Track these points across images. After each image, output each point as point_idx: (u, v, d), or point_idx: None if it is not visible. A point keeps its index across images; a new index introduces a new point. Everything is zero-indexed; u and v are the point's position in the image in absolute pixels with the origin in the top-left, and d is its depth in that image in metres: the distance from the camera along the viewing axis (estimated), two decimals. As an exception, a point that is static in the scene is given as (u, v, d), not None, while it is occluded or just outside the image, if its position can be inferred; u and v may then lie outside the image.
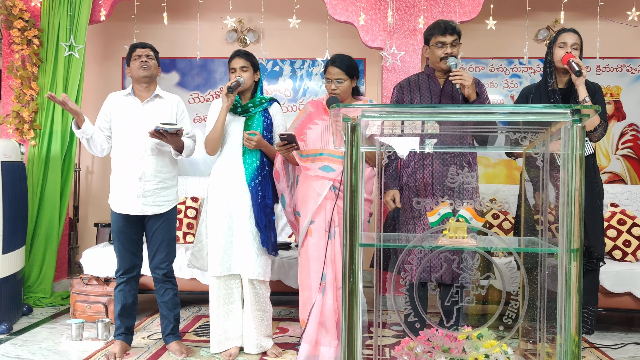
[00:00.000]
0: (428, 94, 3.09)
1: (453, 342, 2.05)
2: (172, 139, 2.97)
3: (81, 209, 5.45)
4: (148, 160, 3.07)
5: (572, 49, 3.18)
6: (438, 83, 3.10)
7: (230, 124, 3.13)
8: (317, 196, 2.98)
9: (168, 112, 3.15)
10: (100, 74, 5.46)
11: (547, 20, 5.10)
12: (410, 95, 3.12)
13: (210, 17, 5.18)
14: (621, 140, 5.17)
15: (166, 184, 3.13)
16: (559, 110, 1.82)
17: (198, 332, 3.61)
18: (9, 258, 3.69)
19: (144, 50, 3.13)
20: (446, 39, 2.98)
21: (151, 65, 3.12)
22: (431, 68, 3.12)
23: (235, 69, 3.11)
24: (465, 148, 2.89)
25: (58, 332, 3.59)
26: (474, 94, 2.90)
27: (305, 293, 3.01)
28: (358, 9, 4.37)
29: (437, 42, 3.00)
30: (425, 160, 3.01)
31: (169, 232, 3.17)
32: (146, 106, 3.13)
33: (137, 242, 3.17)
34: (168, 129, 2.89)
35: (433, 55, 3.05)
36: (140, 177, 3.05)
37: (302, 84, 5.38)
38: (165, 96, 3.20)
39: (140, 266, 3.21)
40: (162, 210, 3.11)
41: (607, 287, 3.65)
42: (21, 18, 4.32)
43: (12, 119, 4.33)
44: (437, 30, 3.00)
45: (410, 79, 3.19)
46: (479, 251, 1.92)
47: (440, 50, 3.00)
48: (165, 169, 3.12)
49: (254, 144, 3.05)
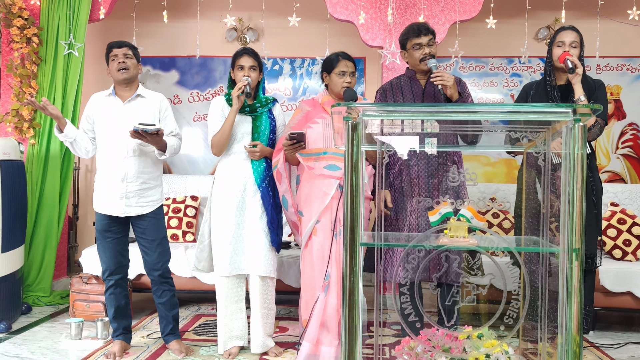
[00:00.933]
0: (410, 95, 3.11)
1: (453, 341, 2.05)
2: (153, 139, 2.91)
3: (80, 207, 5.44)
4: (130, 161, 3.03)
5: (571, 47, 3.17)
6: (420, 84, 3.11)
7: (238, 125, 3.11)
8: (324, 195, 2.97)
9: (150, 111, 3.10)
10: (100, 72, 5.43)
11: (547, 19, 5.09)
12: (393, 98, 3.14)
13: (210, 15, 5.17)
14: (621, 140, 5.17)
15: (149, 184, 3.09)
16: (560, 110, 1.82)
17: (198, 331, 3.61)
18: (8, 257, 3.68)
19: (121, 50, 3.05)
20: (422, 39, 3.01)
21: (130, 65, 3.05)
22: (412, 70, 3.13)
23: (244, 67, 3.08)
24: (463, 147, 2.89)
25: (57, 331, 3.59)
26: (456, 94, 2.92)
27: (309, 293, 3.00)
28: (358, 8, 4.36)
29: (413, 45, 3.04)
30: (411, 160, 3.01)
31: (157, 231, 3.12)
32: (127, 106, 3.08)
33: (122, 241, 3.12)
34: (147, 129, 2.83)
35: (412, 58, 3.08)
36: (123, 178, 3.02)
37: (302, 82, 5.38)
38: (148, 95, 3.14)
39: (127, 267, 3.18)
40: (145, 211, 3.07)
41: (607, 287, 3.65)
42: (20, 16, 4.31)
43: (12, 118, 4.32)
44: (411, 33, 3.04)
45: (392, 82, 3.20)
46: (480, 251, 1.92)
47: (418, 52, 3.02)
48: (148, 169, 3.08)
49: (258, 155, 3.06)
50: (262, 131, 3.13)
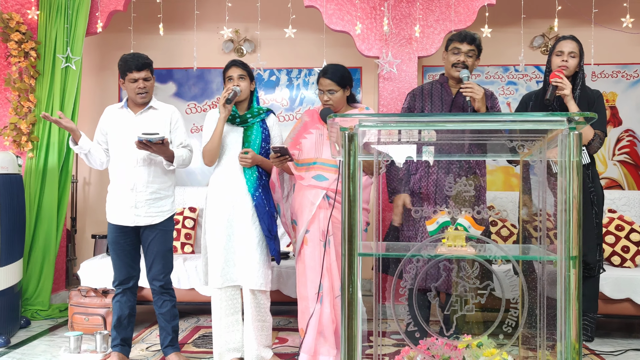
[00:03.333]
0: (439, 103, 3.12)
1: (453, 351, 2.04)
2: (159, 148, 2.93)
3: (78, 220, 5.43)
4: (139, 170, 3.06)
5: (570, 57, 3.20)
6: (450, 92, 3.12)
7: (229, 135, 3.12)
8: (311, 205, 2.99)
9: (162, 123, 3.14)
10: (97, 85, 5.47)
11: (542, 27, 5.13)
12: (421, 104, 3.16)
13: (207, 27, 5.20)
14: (618, 146, 5.19)
15: (160, 194, 3.11)
16: (555, 118, 1.83)
17: (197, 343, 3.60)
18: (7, 270, 3.68)
19: (140, 74, 3.04)
20: (462, 46, 3.04)
21: (149, 89, 3.10)
22: (445, 77, 3.16)
23: (233, 77, 3.09)
24: (464, 156, 2.91)
25: (56, 345, 3.57)
26: (483, 108, 2.93)
27: (303, 303, 3.01)
28: (354, 19, 4.39)
29: (453, 48, 3.08)
30: (431, 169, 3.03)
31: (164, 243, 3.14)
32: (139, 117, 3.12)
33: (132, 253, 3.15)
34: (150, 138, 2.85)
35: (447, 61, 3.12)
36: (132, 188, 3.05)
37: (298, 93, 5.40)
38: (160, 107, 3.18)
39: (137, 277, 3.20)
40: (155, 221, 3.09)
41: (607, 294, 3.65)
42: (18, 31, 4.33)
43: (10, 131, 4.33)
44: (456, 36, 3.10)
45: (424, 87, 3.22)
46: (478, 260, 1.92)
47: (455, 56, 3.05)
48: (158, 179, 3.10)
49: (249, 162, 3.05)
50: (253, 141, 3.12)
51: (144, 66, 3.06)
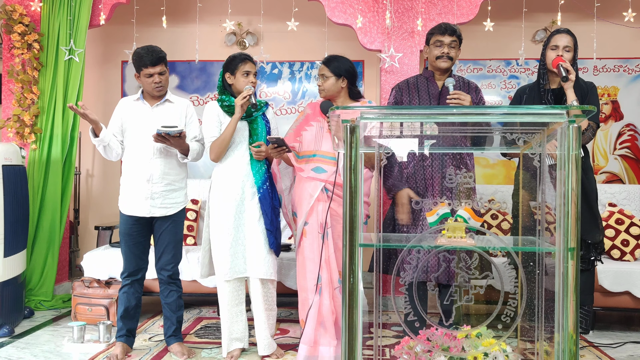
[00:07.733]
0: (427, 96, 3.12)
1: (452, 341, 2.07)
2: (176, 141, 3.00)
3: (82, 212, 5.46)
4: (156, 162, 3.10)
5: (564, 51, 3.19)
6: (437, 86, 3.13)
7: (236, 130, 3.15)
8: (309, 197, 3.02)
9: (177, 116, 3.18)
10: (100, 77, 5.48)
11: (544, 21, 5.13)
12: (409, 97, 3.15)
13: (209, 20, 5.20)
14: (619, 141, 5.20)
15: (174, 186, 3.16)
16: (555, 111, 1.85)
17: (199, 333, 3.63)
18: (11, 261, 3.71)
19: (155, 69, 3.08)
20: (444, 38, 3.04)
21: (165, 83, 3.14)
22: (430, 71, 3.15)
23: (250, 73, 3.12)
24: (462, 149, 2.92)
25: (60, 335, 3.61)
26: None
27: (303, 294, 3.04)
28: (356, 12, 4.40)
29: (435, 41, 3.08)
30: (425, 162, 3.04)
31: (176, 234, 3.19)
32: (155, 110, 3.16)
33: (143, 244, 3.18)
34: (169, 131, 2.92)
35: (430, 54, 3.11)
36: (149, 179, 3.09)
37: (301, 86, 5.41)
38: (175, 100, 3.23)
39: (145, 269, 3.24)
40: (170, 212, 3.14)
41: (606, 287, 3.67)
42: (21, 22, 4.34)
43: (13, 123, 4.35)
44: (437, 29, 3.09)
45: (409, 81, 3.21)
46: (477, 251, 1.94)
47: (438, 49, 3.06)
48: (173, 171, 3.15)
49: (263, 155, 3.10)
50: (260, 133, 3.17)
51: (158, 60, 3.09)
